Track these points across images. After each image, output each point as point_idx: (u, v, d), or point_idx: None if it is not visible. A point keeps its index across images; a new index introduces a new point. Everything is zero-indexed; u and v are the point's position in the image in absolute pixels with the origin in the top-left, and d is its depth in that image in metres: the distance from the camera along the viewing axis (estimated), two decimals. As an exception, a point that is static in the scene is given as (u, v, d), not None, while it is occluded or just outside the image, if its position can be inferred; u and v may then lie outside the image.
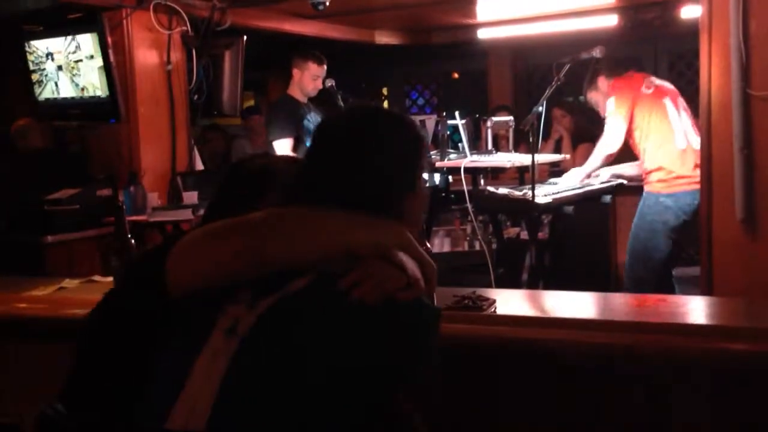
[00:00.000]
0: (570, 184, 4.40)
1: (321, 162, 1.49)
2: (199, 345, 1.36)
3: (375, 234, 1.40)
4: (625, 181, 4.59)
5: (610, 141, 4.29)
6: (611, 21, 5.85)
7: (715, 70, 3.06)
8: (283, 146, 4.79)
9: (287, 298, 1.34)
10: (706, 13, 3.08)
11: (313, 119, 5.07)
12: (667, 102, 4.20)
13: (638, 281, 4.11)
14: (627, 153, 4.41)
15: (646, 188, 4.24)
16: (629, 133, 4.23)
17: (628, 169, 4.56)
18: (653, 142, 4.16)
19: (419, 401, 1.40)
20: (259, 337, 1.32)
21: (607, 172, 4.53)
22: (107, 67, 4.48)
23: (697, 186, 3.92)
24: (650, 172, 4.20)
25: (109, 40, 4.46)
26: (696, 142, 4.05)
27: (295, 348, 1.29)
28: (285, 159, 1.90)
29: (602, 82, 4.38)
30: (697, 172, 3.92)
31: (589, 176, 4.49)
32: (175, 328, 1.45)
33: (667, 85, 4.38)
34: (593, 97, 4.50)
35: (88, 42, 4.52)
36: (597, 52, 4.15)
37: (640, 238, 4.19)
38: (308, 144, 5.26)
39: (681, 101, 4.27)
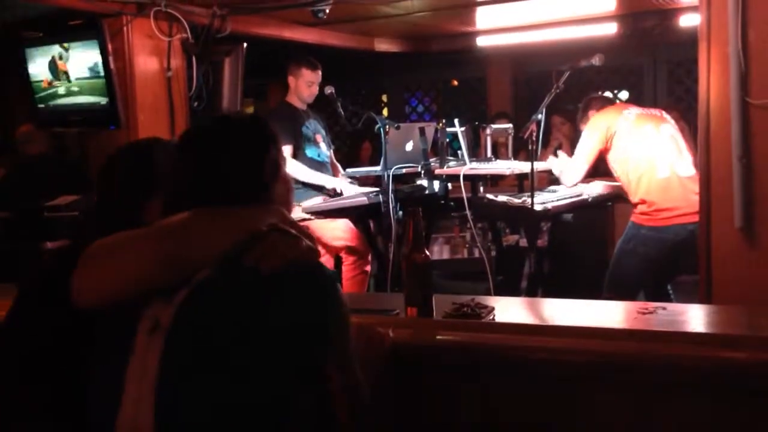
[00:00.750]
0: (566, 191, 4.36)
1: (195, 168, 1.61)
2: (126, 354, 1.43)
3: (268, 216, 1.56)
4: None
5: (566, 177, 4.32)
6: (610, 29, 5.87)
7: (714, 79, 3.07)
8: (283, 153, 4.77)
9: (200, 286, 1.44)
10: (704, 22, 3.09)
11: (311, 126, 5.08)
12: (650, 129, 4.06)
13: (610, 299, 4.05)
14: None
15: (632, 217, 4.14)
16: (611, 165, 4.16)
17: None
18: (634, 173, 4.04)
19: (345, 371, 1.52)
20: (183, 326, 1.42)
21: (599, 185, 4.47)
22: (107, 74, 4.49)
23: (684, 219, 3.89)
24: (634, 204, 4.10)
25: (110, 46, 4.47)
26: (685, 169, 3.97)
27: (219, 329, 1.40)
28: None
29: (593, 115, 4.30)
30: (686, 201, 3.88)
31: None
32: (95, 343, 1.50)
33: (655, 111, 4.25)
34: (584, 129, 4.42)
35: (88, 49, 4.53)
36: (596, 60, 4.15)
37: (619, 264, 4.12)
38: (307, 150, 5.25)
39: (668, 127, 4.11)
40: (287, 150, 4.81)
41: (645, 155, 4.00)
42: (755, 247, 3.01)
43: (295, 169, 4.75)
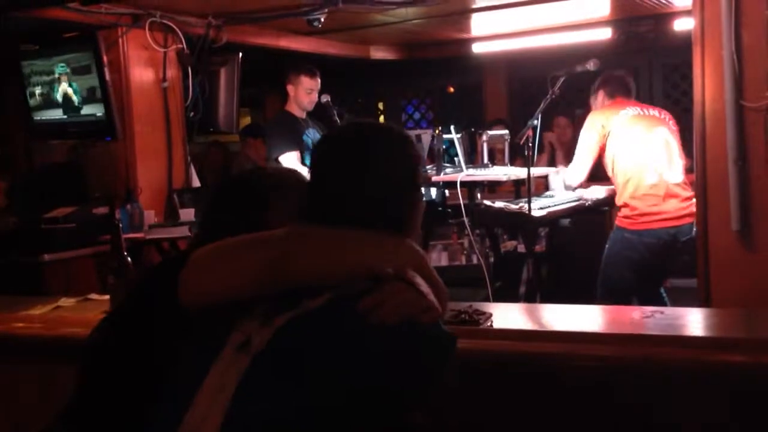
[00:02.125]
0: (563, 196, 4.35)
1: (329, 180, 1.49)
2: (210, 362, 1.35)
3: (393, 254, 1.41)
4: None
5: (569, 176, 4.29)
6: (605, 34, 5.89)
7: (709, 82, 3.07)
8: (290, 160, 4.73)
9: (302, 316, 1.33)
10: (698, 26, 3.10)
11: (311, 135, 5.08)
12: (642, 133, 3.99)
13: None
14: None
15: (616, 220, 4.13)
16: (604, 164, 4.13)
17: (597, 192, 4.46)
18: (621, 176, 4.01)
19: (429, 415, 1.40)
20: (272, 354, 1.31)
21: (600, 190, 4.46)
22: (103, 86, 4.50)
23: (665, 223, 3.89)
24: (619, 207, 4.08)
25: (105, 58, 4.47)
26: (674, 175, 3.93)
27: (308, 367, 1.28)
28: (291, 171, 1.86)
29: (600, 96, 4.27)
30: (671, 207, 3.89)
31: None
32: (187, 344, 1.44)
33: (653, 112, 4.14)
34: (593, 105, 4.36)
35: (84, 60, 4.53)
36: (591, 65, 4.16)
37: (606, 270, 4.09)
38: (306, 159, 5.23)
39: (663, 131, 4.01)
40: (294, 156, 4.78)
41: (633, 160, 3.96)
42: (752, 250, 3.01)
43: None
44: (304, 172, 4.77)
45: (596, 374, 1.86)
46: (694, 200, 3.83)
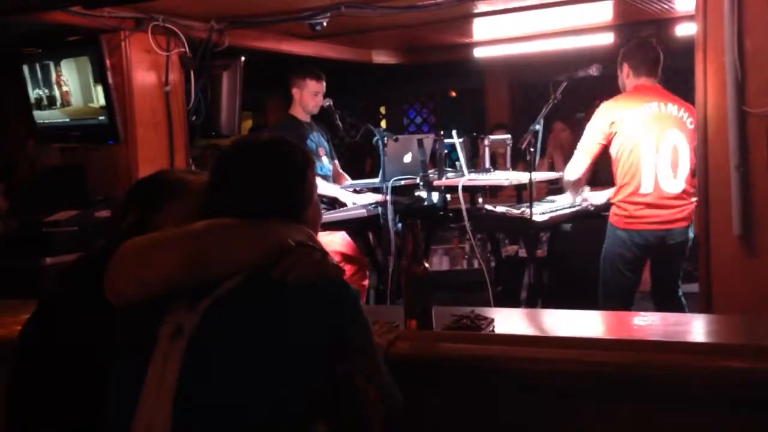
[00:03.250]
0: (566, 202, 4.33)
1: (234, 180, 1.69)
2: (147, 356, 1.46)
3: (296, 233, 1.63)
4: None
5: (567, 171, 4.14)
6: (607, 39, 5.89)
7: (711, 88, 3.07)
8: None
9: (225, 295, 1.49)
10: (701, 31, 3.10)
11: (315, 138, 5.08)
12: (651, 139, 3.84)
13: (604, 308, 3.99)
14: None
15: (609, 219, 4.06)
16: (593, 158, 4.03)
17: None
18: (619, 177, 3.93)
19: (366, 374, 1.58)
20: (205, 334, 1.45)
21: (604, 195, 4.42)
22: (105, 89, 4.50)
23: (653, 227, 3.83)
24: (612, 204, 4.00)
25: (108, 62, 4.48)
26: (675, 185, 3.83)
27: (242, 338, 1.45)
28: (189, 176, 1.98)
29: (624, 68, 4.02)
30: (662, 212, 3.82)
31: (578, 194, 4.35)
32: (120, 341, 1.54)
33: (672, 109, 3.91)
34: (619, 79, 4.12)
35: (86, 64, 4.54)
36: (593, 70, 4.16)
37: (603, 267, 4.03)
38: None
39: (674, 134, 3.85)
40: None
41: (635, 166, 3.85)
42: (754, 255, 3.01)
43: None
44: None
45: (597, 379, 1.86)
46: (691, 205, 3.82)
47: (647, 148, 3.84)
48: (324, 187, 4.82)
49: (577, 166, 4.06)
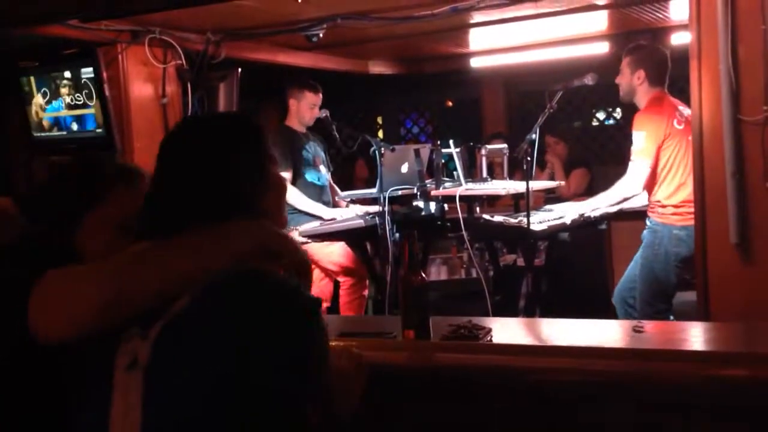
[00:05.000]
0: (569, 215, 4.31)
1: (171, 184, 1.48)
2: (107, 391, 1.34)
3: (244, 239, 1.42)
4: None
5: (632, 184, 4.10)
6: (603, 48, 5.91)
7: (706, 96, 3.08)
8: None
9: (173, 321, 1.35)
10: (695, 40, 3.11)
11: (311, 149, 5.09)
12: (688, 144, 3.83)
13: (659, 312, 4.01)
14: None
15: (658, 219, 4.07)
16: (653, 167, 4.04)
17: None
18: (678, 179, 3.99)
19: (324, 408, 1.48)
20: (158, 365, 1.33)
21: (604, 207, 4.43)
22: (102, 102, 4.51)
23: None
24: (667, 206, 4.03)
25: (105, 74, 4.49)
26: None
27: (195, 365, 1.32)
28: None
29: (639, 76, 4.12)
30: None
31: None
32: (70, 379, 1.41)
33: (686, 112, 4.05)
34: (623, 72, 4.20)
35: (83, 77, 4.55)
36: (589, 80, 4.18)
37: (655, 271, 4.04)
38: (307, 174, 5.23)
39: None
40: (287, 177, 4.81)
41: (689, 166, 3.75)
42: (751, 263, 3.02)
43: (294, 196, 4.76)
44: (297, 194, 4.82)
45: (596, 388, 1.86)
46: None
47: (689, 151, 3.80)
48: (304, 204, 4.82)
49: (641, 179, 4.06)
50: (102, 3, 3.48)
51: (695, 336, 2.21)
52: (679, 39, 5.26)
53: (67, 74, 4.62)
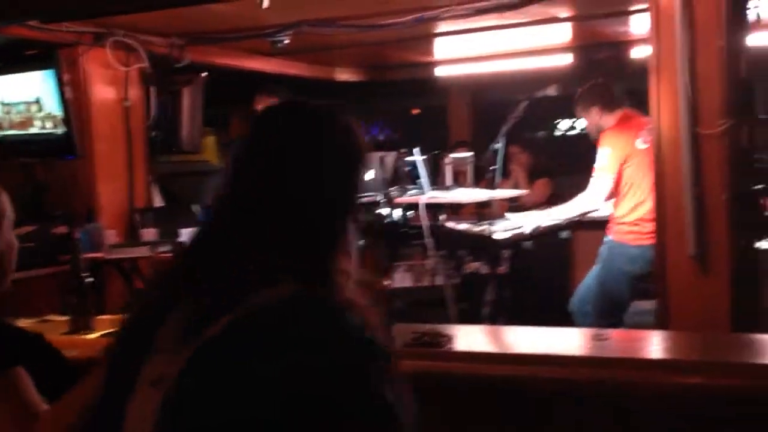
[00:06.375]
0: (527, 225, 4.36)
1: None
2: (124, 402, 1.25)
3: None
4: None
5: (593, 199, 4.19)
6: (566, 60, 5.99)
7: (665, 109, 3.14)
8: None
9: (204, 347, 1.17)
10: (654, 54, 3.17)
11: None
12: (647, 162, 3.86)
13: (611, 325, 4.03)
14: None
15: (615, 237, 4.16)
16: (615, 183, 4.12)
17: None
18: (637, 198, 4.07)
19: None
20: (181, 390, 1.20)
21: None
22: (63, 104, 4.45)
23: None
24: (623, 223, 4.11)
25: (65, 76, 4.43)
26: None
27: (222, 392, 1.16)
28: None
29: (596, 112, 4.26)
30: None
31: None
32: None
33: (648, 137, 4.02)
34: (584, 118, 4.35)
35: (44, 78, 4.48)
36: (551, 90, 4.24)
37: (607, 287, 4.12)
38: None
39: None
40: None
41: (650, 185, 3.76)
42: (708, 274, 3.07)
43: None
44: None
45: (557, 395, 1.88)
46: None
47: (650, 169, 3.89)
48: None
49: (602, 194, 4.15)
50: (64, 4, 3.44)
51: (652, 344, 2.24)
52: (641, 52, 5.34)
53: (28, 75, 4.56)
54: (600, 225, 4.47)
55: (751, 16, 3.20)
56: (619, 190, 4.13)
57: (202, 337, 1.19)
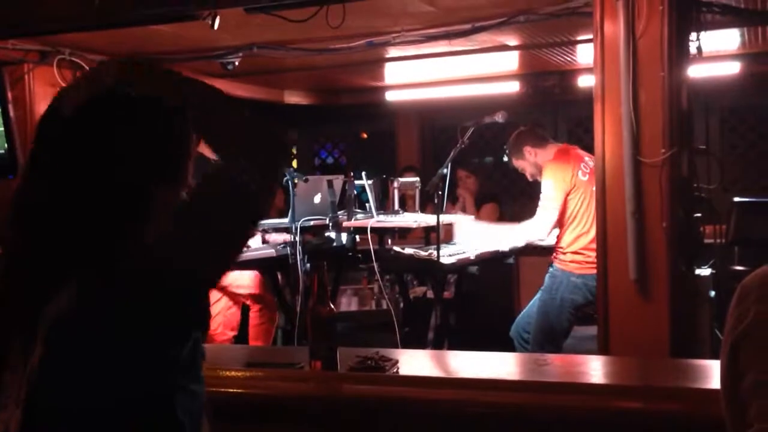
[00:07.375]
0: (471, 249, 4.40)
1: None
2: None
3: None
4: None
5: (538, 229, 4.26)
6: (513, 87, 6.10)
7: (608, 138, 3.21)
8: None
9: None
10: (599, 84, 3.24)
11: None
12: (590, 192, 4.00)
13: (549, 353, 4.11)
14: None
15: (559, 265, 4.22)
16: (560, 213, 4.18)
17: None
18: (579, 228, 4.14)
19: None
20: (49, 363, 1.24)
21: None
22: (6, 122, 4.36)
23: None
24: (567, 252, 4.18)
25: (9, 95, 4.35)
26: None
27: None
28: None
29: (529, 152, 4.35)
30: None
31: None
32: None
33: (590, 161, 4.15)
34: (519, 165, 4.44)
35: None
36: (499, 117, 4.29)
37: (549, 315, 4.17)
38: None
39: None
40: None
41: (592, 215, 3.91)
42: (648, 299, 3.13)
43: None
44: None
45: (500, 420, 1.89)
46: None
47: (590, 198, 4.04)
48: None
49: (547, 225, 4.21)
50: (8, 21, 3.38)
51: (593, 369, 2.28)
52: (586, 81, 5.47)
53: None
54: (544, 251, 4.54)
55: (692, 49, 3.31)
56: (564, 220, 4.20)
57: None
